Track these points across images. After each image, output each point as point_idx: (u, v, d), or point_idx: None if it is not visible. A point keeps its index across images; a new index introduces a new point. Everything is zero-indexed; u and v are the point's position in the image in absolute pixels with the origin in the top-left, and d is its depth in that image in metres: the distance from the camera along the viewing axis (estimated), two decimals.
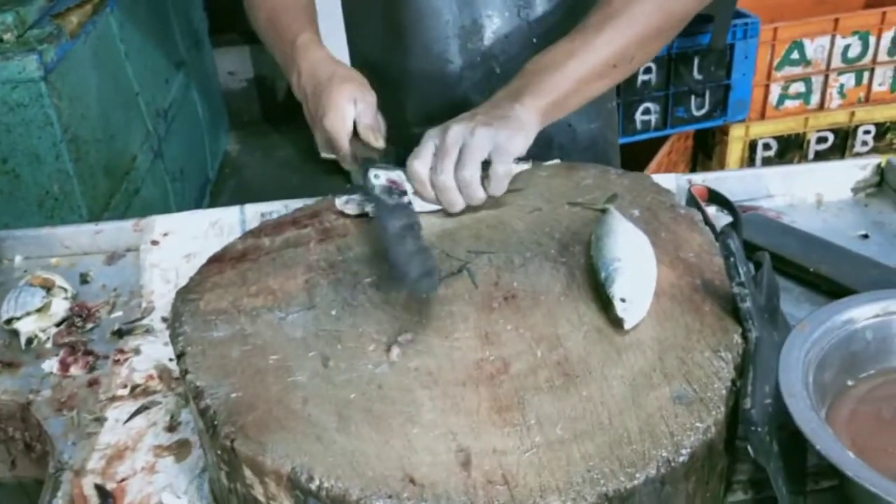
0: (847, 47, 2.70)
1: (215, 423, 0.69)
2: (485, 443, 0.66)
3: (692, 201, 1.11)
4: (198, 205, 3.16)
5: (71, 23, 2.20)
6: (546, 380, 0.71)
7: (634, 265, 0.78)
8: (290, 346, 0.76)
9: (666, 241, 0.86)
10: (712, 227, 1.03)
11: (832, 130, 2.83)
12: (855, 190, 1.18)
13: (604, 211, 0.89)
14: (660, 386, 0.70)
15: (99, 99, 2.31)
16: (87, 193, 2.16)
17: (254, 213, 1.20)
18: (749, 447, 0.70)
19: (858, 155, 2.88)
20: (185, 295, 0.84)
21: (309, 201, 1.09)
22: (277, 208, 1.19)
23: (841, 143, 2.85)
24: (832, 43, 2.67)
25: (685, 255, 0.84)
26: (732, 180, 1.19)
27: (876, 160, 1.18)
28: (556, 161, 1.03)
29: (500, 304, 0.79)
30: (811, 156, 2.88)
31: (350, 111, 0.98)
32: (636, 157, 2.67)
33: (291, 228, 0.95)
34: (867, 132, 2.85)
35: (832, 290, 1.00)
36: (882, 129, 2.85)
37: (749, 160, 2.86)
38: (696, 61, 2.64)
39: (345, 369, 0.73)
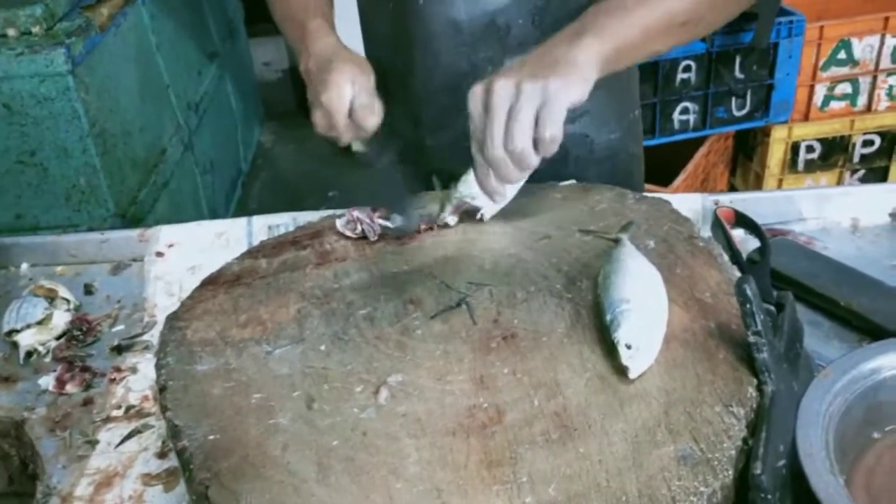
0: None
1: (191, 466, 0.66)
2: (471, 502, 0.62)
3: (717, 224, 1.05)
4: (229, 197, 3.15)
5: (101, 15, 2.19)
6: (542, 432, 0.66)
7: (643, 308, 0.73)
8: (275, 384, 0.73)
9: (681, 278, 0.80)
10: (737, 253, 0.98)
11: (879, 133, 2.72)
12: (893, 215, 1.11)
13: (617, 241, 0.84)
14: (664, 444, 0.65)
15: (128, 92, 2.30)
16: (115, 187, 2.16)
17: (261, 225, 1.16)
18: None
19: None
20: (174, 322, 0.81)
21: (314, 216, 1.06)
22: (286, 221, 1.15)
23: (888, 147, 2.74)
24: (881, 42, 2.56)
25: (701, 295, 0.78)
26: (762, 202, 1.13)
27: None
28: (572, 182, 0.98)
29: (498, 345, 0.75)
30: (856, 159, 2.77)
31: (347, 90, 0.96)
32: (673, 159, 2.60)
33: (290, 249, 0.91)
34: None
35: (864, 326, 0.94)
36: None
37: (791, 163, 2.76)
38: (737, 60, 2.55)
39: (329, 412, 0.69)
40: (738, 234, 1.06)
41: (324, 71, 0.98)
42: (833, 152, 2.75)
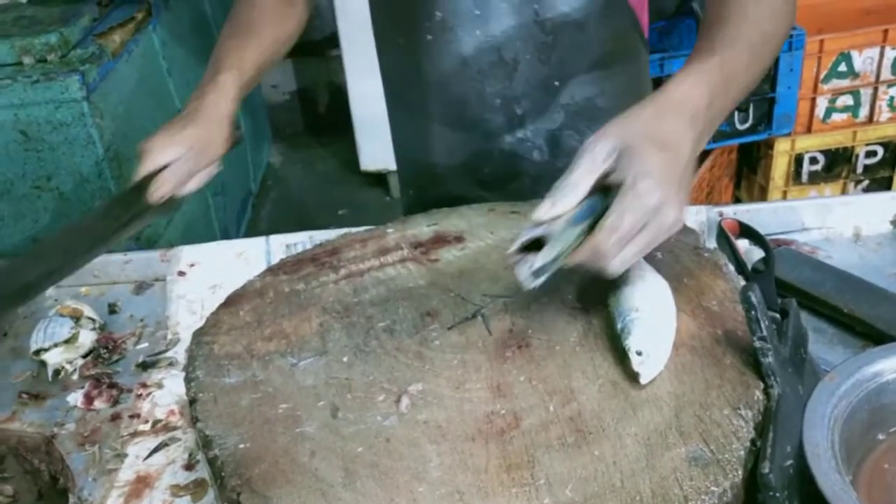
0: None
1: (223, 474, 0.69)
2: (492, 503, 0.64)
3: (722, 236, 1.08)
4: (239, 218, 3.19)
5: (114, 42, 2.24)
6: (558, 437, 0.69)
7: (653, 316, 0.76)
8: (301, 395, 0.76)
9: (688, 288, 0.83)
10: (742, 263, 1.01)
11: (882, 144, 2.75)
12: (895, 223, 1.14)
13: None
14: (675, 446, 0.67)
15: (141, 116, 2.34)
16: None
17: (279, 244, 1.20)
18: None
19: None
20: (201, 337, 0.84)
21: (330, 234, 1.09)
22: (303, 240, 1.19)
23: (891, 157, 2.77)
24: (881, 55, 2.60)
25: (707, 304, 0.81)
26: (766, 213, 1.16)
27: None
28: None
29: (513, 353, 0.78)
30: (860, 169, 2.80)
31: (169, 149, 0.98)
32: None
33: (310, 266, 0.95)
34: None
35: (867, 332, 0.96)
36: None
37: (795, 174, 2.79)
38: None
39: (353, 420, 0.72)
40: (742, 244, 1.09)
41: (184, 119, 1.01)
42: (836, 163, 2.78)
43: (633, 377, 0.73)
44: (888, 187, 2.82)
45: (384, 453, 0.69)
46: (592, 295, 0.84)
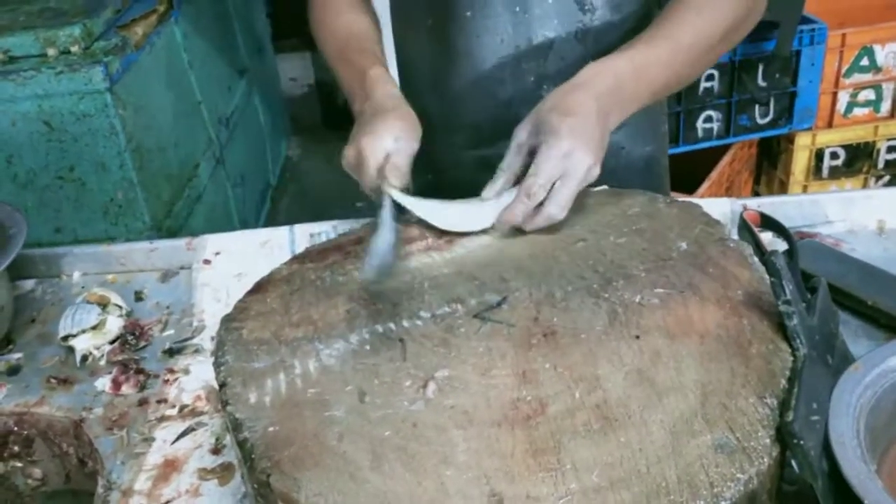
0: None
1: (253, 456, 0.70)
2: (518, 488, 0.65)
3: (745, 227, 1.08)
4: (259, 210, 3.21)
5: (136, 34, 2.26)
6: (583, 423, 0.70)
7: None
8: (328, 380, 0.76)
9: (713, 277, 0.83)
10: (766, 253, 1.01)
11: None
12: None
13: None
14: (701, 433, 0.68)
15: (162, 108, 2.36)
16: (150, 201, 2.22)
17: (303, 233, 1.21)
18: (794, 463, 0.68)
19: None
20: (229, 323, 0.85)
21: (356, 224, 1.10)
22: (326, 229, 1.20)
23: None
24: None
25: (733, 294, 0.81)
26: (789, 205, 1.16)
27: None
28: (604, 187, 1.02)
29: (539, 341, 0.78)
30: (881, 164, 2.79)
31: (388, 142, 0.97)
32: (697, 167, 2.62)
33: (335, 254, 0.95)
34: None
35: (891, 324, 0.96)
36: None
37: (816, 169, 2.78)
38: (760, 68, 2.58)
39: (381, 405, 0.73)
40: (765, 237, 1.09)
41: (376, 117, 0.99)
42: (857, 159, 2.77)
43: None
44: None
45: (411, 437, 0.70)
46: (618, 284, 0.84)
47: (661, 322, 0.79)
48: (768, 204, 1.15)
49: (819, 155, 2.75)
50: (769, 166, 2.95)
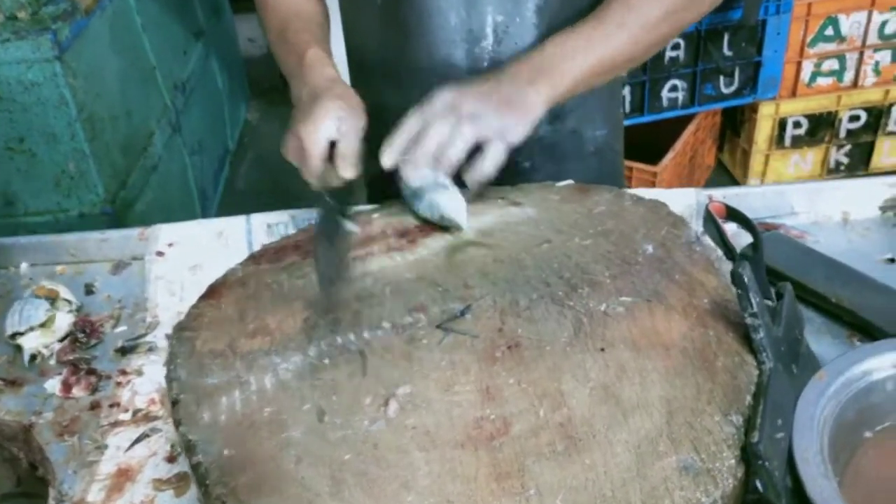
0: (884, 23, 2.60)
1: (207, 482, 0.68)
2: None
3: (710, 219, 1.06)
4: (217, 177, 3.14)
5: None
6: (548, 443, 0.68)
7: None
8: (285, 397, 0.74)
9: (680, 284, 0.82)
10: (731, 247, 1.00)
11: (865, 109, 2.75)
12: (883, 208, 1.13)
13: None
14: (666, 454, 0.67)
15: (115, 75, 2.28)
16: (104, 172, 2.15)
17: (259, 223, 1.17)
18: (758, 483, 0.67)
19: (892, 134, 2.80)
20: (182, 332, 0.82)
21: (310, 215, 1.06)
22: (283, 219, 1.16)
23: (874, 122, 2.77)
24: (869, 19, 2.58)
25: (699, 302, 0.80)
26: (754, 196, 1.14)
27: None
28: (570, 182, 1.00)
29: (503, 354, 0.76)
30: (843, 134, 2.80)
31: (329, 128, 0.92)
32: (662, 136, 2.61)
33: (293, 255, 0.92)
34: None
35: (854, 322, 0.96)
36: None
37: (778, 139, 2.79)
38: (726, 37, 2.56)
39: (340, 425, 0.71)
40: (730, 228, 1.08)
41: (314, 101, 0.94)
42: (820, 128, 2.78)
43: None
44: (870, 152, 2.83)
45: (372, 460, 0.68)
46: (583, 291, 0.82)
47: (626, 333, 0.77)
48: (734, 195, 1.14)
49: (782, 124, 2.75)
50: (733, 135, 2.95)
